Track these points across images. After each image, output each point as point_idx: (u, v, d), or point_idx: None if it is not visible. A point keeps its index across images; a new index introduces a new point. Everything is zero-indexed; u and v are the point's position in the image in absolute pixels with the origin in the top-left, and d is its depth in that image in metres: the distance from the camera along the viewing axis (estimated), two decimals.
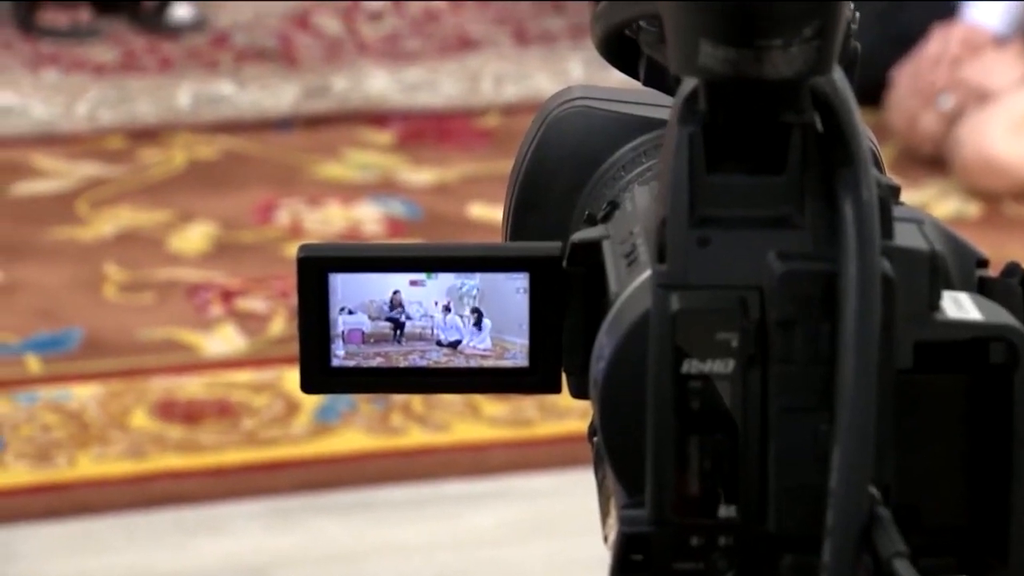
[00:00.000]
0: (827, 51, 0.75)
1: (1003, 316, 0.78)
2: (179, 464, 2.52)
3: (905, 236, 0.78)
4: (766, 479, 0.76)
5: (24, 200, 3.11)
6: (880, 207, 0.74)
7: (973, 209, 3.12)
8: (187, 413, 2.59)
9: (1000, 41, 3.25)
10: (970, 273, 0.82)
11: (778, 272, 0.74)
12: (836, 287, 0.74)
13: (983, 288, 0.81)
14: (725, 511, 0.76)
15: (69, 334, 2.76)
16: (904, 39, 3.26)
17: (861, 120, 0.76)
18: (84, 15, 3.54)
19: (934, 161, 3.18)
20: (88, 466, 2.50)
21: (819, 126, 0.76)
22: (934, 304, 0.76)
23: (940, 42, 3.25)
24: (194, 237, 3.01)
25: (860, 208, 0.75)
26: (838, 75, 0.76)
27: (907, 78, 3.25)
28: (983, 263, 0.81)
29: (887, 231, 0.76)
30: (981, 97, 3.19)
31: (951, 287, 0.79)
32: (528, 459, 2.50)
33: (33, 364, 2.70)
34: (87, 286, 2.87)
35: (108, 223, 3.04)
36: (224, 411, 2.60)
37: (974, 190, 3.14)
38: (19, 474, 2.48)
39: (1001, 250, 0.73)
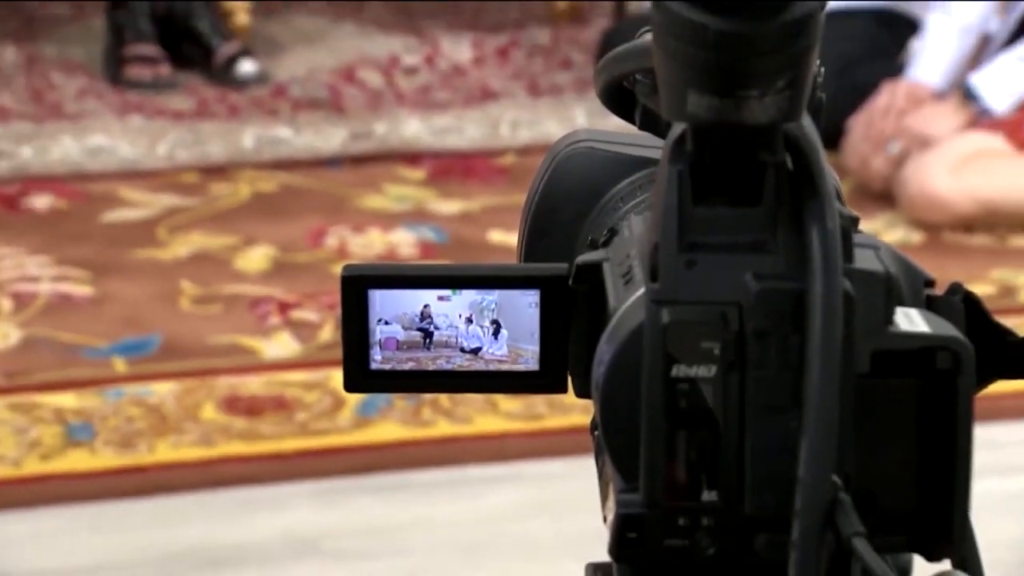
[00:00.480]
0: (797, 101, 0.75)
1: (948, 329, 0.78)
2: (242, 451, 2.53)
3: (863, 260, 0.78)
4: (743, 468, 0.77)
5: (113, 226, 3.12)
6: (842, 235, 0.75)
7: (916, 237, 3.13)
8: (249, 407, 2.59)
9: (939, 95, 3.24)
10: (919, 292, 0.81)
11: (754, 290, 0.76)
12: (804, 304, 0.74)
13: (930, 305, 0.81)
14: (708, 496, 0.77)
15: (150, 340, 2.76)
16: (859, 93, 3.27)
17: (825, 160, 0.76)
18: (164, 70, 3.55)
19: (883, 197, 3.18)
20: (165, 452, 2.50)
21: (790, 165, 0.76)
22: (888, 318, 0.77)
23: (888, 96, 3.24)
24: (256, 258, 3.01)
25: (825, 236, 0.75)
26: (806, 121, 0.77)
27: (860, 126, 3.24)
28: (929, 283, 0.81)
29: (848, 255, 0.76)
30: (923, 143, 3.18)
31: (903, 304, 0.79)
32: (539, 448, 2.49)
33: (119, 365, 2.69)
34: (165, 299, 2.88)
35: (183, 246, 3.05)
36: (280, 406, 2.60)
37: (917, 222, 3.14)
38: (107, 459, 2.48)
39: (942, 272, 0.73)
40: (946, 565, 0.79)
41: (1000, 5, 3.29)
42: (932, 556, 0.79)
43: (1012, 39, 3.29)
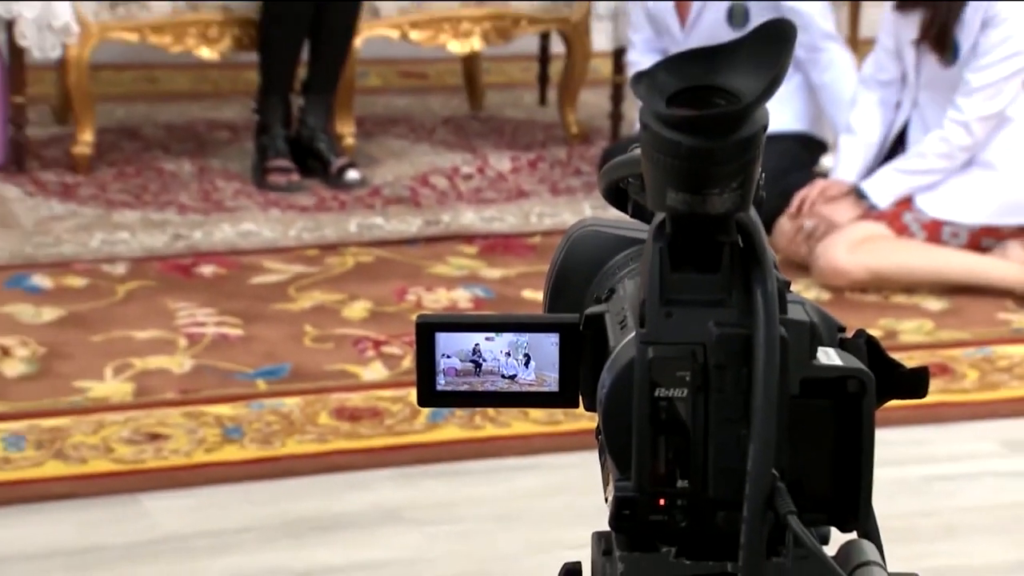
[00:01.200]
0: (746, 197, 0.75)
1: (855, 363, 0.78)
2: (346, 446, 2.52)
3: (794, 312, 0.77)
4: (708, 464, 0.76)
5: (257, 286, 3.10)
6: (778, 294, 0.75)
7: (826, 295, 3.07)
8: (351, 415, 2.58)
9: (848, 191, 3.19)
10: (833, 335, 0.80)
11: (715, 335, 0.75)
12: (751, 344, 0.74)
13: (842, 345, 0.80)
14: (681, 484, 0.76)
15: (282, 367, 2.75)
16: (786, 195, 3.22)
17: (766, 240, 0.76)
18: (295, 177, 3.51)
19: (802, 267, 3.14)
20: (292, 447, 2.50)
21: (740, 243, 0.76)
22: (812, 355, 0.76)
23: (807, 191, 3.20)
24: (357, 309, 2.98)
25: (766, 295, 0.74)
26: (752, 212, 0.76)
27: (787, 215, 3.21)
28: (841, 329, 0.80)
29: (783, 309, 0.75)
30: (830, 226, 3.13)
31: (822, 344, 0.78)
32: (558, 445, 2.46)
33: (261, 385, 2.69)
34: (294, 338, 2.86)
35: (307, 300, 3.03)
36: (374, 414, 2.59)
37: (826, 285, 3.10)
38: (251, 452, 2.48)
39: (846, 322, 0.71)
40: (854, 535, 0.80)
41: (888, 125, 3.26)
42: (844, 528, 0.80)
43: (892, 148, 3.24)
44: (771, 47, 0.74)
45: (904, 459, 2.43)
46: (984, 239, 3.14)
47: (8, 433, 2.46)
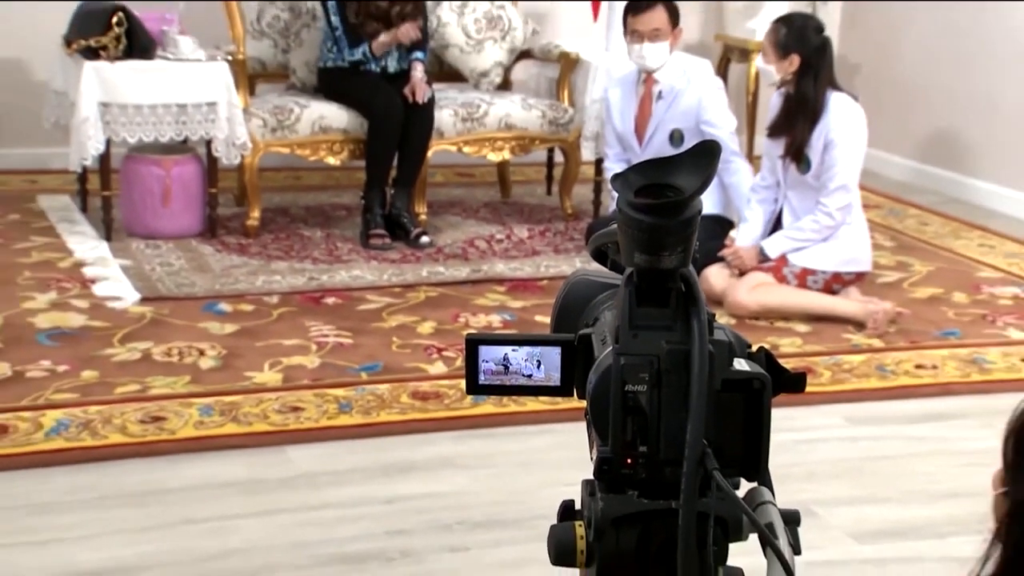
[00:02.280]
0: (687, 258, 0.75)
1: (758, 369, 0.77)
2: (418, 416, 2.49)
3: (718, 334, 0.77)
4: (660, 436, 0.75)
5: (362, 311, 3.05)
6: (708, 323, 0.75)
7: (733, 322, 3.01)
8: (423, 396, 2.57)
9: (754, 249, 3.13)
10: (743, 350, 0.79)
11: (665, 349, 0.74)
12: (690, 356, 0.73)
13: (749, 357, 0.79)
14: (642, 448, 0.76)
15: (377, 364, 2.72)
16: (709, 257, 3.15)
17: (700, 286, 0.76)
18: (387, 240, 3.48)
19: (717, 303, 3.08)
20: (384, 416, 2.48)
21: (683, 288, 0.76)
22: (730, 363, 0.76)
23: (729, 251, 3.15)
24: (427, 328, 2.96)
25: (700, 323, 0.74)
26: (691, 268, 0.76)
27: (711, 269, 3.15)
28: (748, 346, 0.80)
29: (711, 332, 0.75)
30: (741, 274, 3.11)
31: (737, 356, 0.77)
32: (559, 418, 2.41)
33: (363, 376, 2.67)
34: (384, 347, 2.83)
35: (394, 321, 3.00)
36: (437, 396, 2.57)
37: (733, 315, 3.06)
38: (357, 419, 2.46)
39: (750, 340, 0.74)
40: (756, 484, 0.80)
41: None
42: (749, 479, 0.80)
43: (773, 226, 3.19)
44: (704, 159, 0.74)
45: (781, 429, 2.41)
46: (834, 284, 3.12)
47: (202, 405, 2.46)
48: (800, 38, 2.98)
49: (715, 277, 3.12)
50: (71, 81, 3.26)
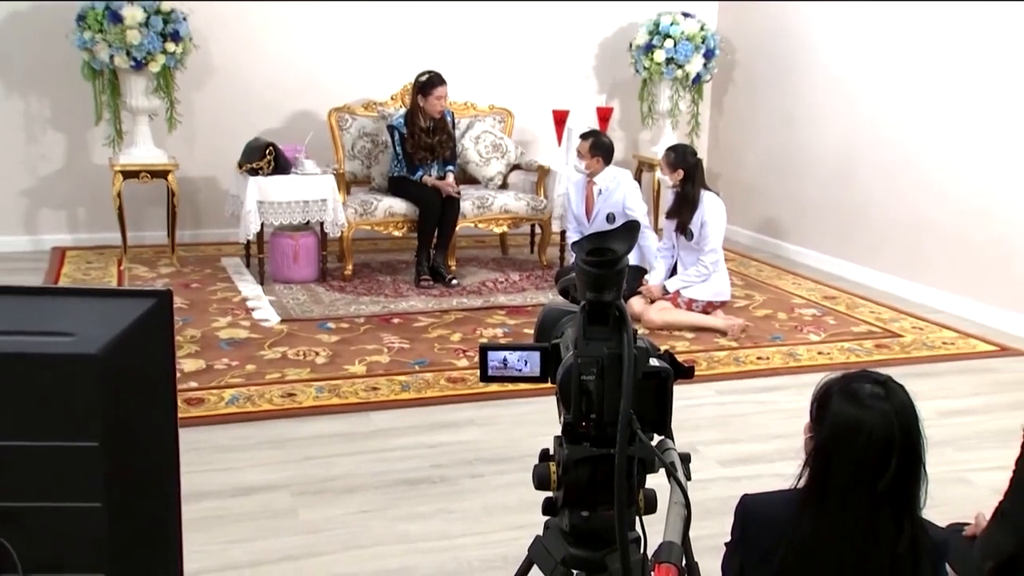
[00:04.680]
0: (620, 294, 0.71)
1: (666, 364, 0.74)
2: (450, 393, 2.45)
3: (640, 343, 0.73)
4: (603, 408, 0.72)
5: (415, 327, 2.98)
6: (634, 336, 0.71)
7: (646, 332, 2.99)
8: (454, 380, 2.53)
9: (660, 287, 3.11)
10: (655, 352, 0.75)
11: (606, 353, 0.70)
12: (623, 358, 0.69)
13: (659, 357, 0.75)
14: (592, 416, 0.72)
15: (424, 360, 2.69)
16: (632, 291, 3.12)
17: (628, 312, 0.72)
18: (430, 282, 3.42)
19: (637, 321, 3.02)
20: (429, 393, 2.43)
21: (617, 314, 0.72)
22: (647, 362, 0.72)
23: (645, 288, 3.13)
24: (456, 337, 2.91)
25: (628, 336, 0.69)
26: (621, 300, 0.72)
27: (635, 298, 3.12)
28: (657, 349, 0.77)
29: (635, 341, 0.71)
30: (650, 302, 3.11)
31: (651, 357, 0.73)
32: (540, 394, 2.31)
33: (416, 368, 2.62)
34: (430, 349, 2.77)
35: (435, 333, 2.93)
36: (463, 380, 2.53)
37: (647, 329, 3.03)
38: (411, 395, 2.43)
39: (658, 345, 0.71)
40: (662, 437, 0.76)
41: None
42: (659, 434, 0.75)
43: (671, 274, 3.17)
44: (629, 232, 0.73)
45: (677, 399, 2.18)
46: (708, 308, 3.14)
47: (318, 386, 2.42)
48: (683, 159, 3.04)
49: (635, 304, 3.12)
50: (241, 188, 3.35)
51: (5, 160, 3.38)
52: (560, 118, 3.81)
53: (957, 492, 1.86)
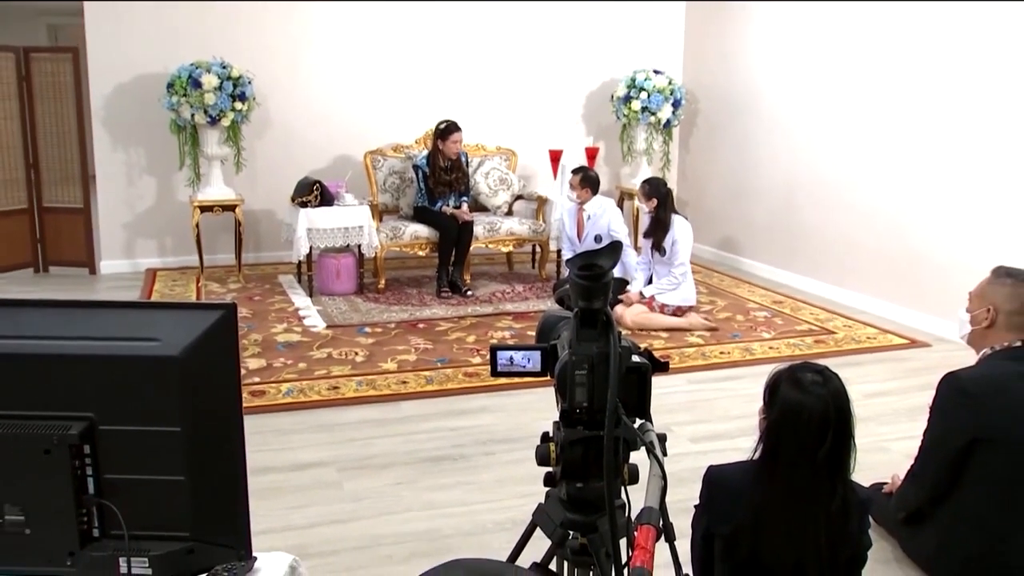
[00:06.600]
0: (607, 302, 0.67)
1: (645, 360, 0.69)
2: (467, 385, 2.40)
3: (624, 343, 0.70)
4: (594, 396, 0.69)
5: (437, 331, 2.92)
6: (619, 337, 0.68)
7: (627, 333, 2.95)
8: (470, 375, 2.50)
9: (639, 295, 3.02)
10: (637, 350, 0.72)
11: (595, 351, 0.68)
12: (610, 355, 0.67)
13: (639, 354, 0.72)
14: (584, 404, 0.69)
15: (445, 358, 2.63)
16: (615, 300, 3.09)
17: (615, 319, 0.70)
18: (449, 293, 3.38)
19: (619, 323, 2.99)
20: (450, 385, 2.38)
21: (604, 319, 0.69)
22: (630, 358, 0.70)
23: (627, 296, 3.11)
24: (471, 338, 2.86)
25: (614, 337, 0.67)
26: (608, 307, 0.70)
27: (620, 306, 3.08)
28: (639, 347, 0.73)
29: (620, 342, 0.68)
30: (629, 306, 3.07)
31: (633, 354, 0.71)
32: (541, 386, 2.26)
33: (438, 364, 2.57)
34: (449, 348, 2.71)
35: (453, 335, 2.87)
36: (478, 375, 2.51)
37: (628, 330, 3.01)
38: (435, 387, 2.40)
39: (639, 344, 0.67)
40: (643, 421, 0.73)
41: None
42: (641, 418, 0.72)
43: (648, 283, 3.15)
44: (613, 250, 0.70)
45: (655, 388, 1.95)
46: (678, 312, 3.12)
47: (357, 381, 2.41)
48: (656, 190, 3.05)
49: (618, 310, 3.08)
50: (294, 218, 3.37)
51: (111, 199, 3.63)
52: (555, 156, 3.86)
53: (878, 458, 1.89)
